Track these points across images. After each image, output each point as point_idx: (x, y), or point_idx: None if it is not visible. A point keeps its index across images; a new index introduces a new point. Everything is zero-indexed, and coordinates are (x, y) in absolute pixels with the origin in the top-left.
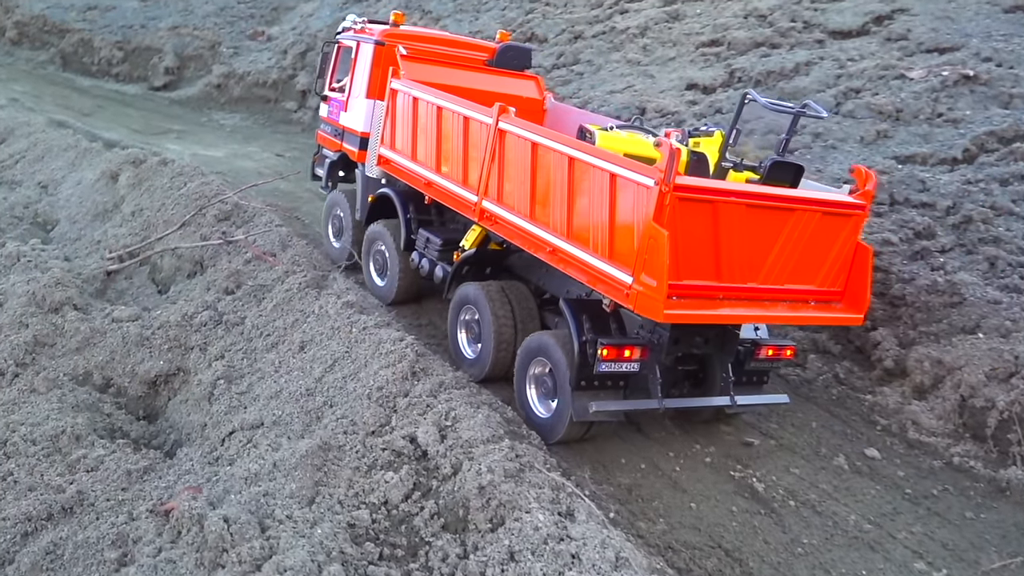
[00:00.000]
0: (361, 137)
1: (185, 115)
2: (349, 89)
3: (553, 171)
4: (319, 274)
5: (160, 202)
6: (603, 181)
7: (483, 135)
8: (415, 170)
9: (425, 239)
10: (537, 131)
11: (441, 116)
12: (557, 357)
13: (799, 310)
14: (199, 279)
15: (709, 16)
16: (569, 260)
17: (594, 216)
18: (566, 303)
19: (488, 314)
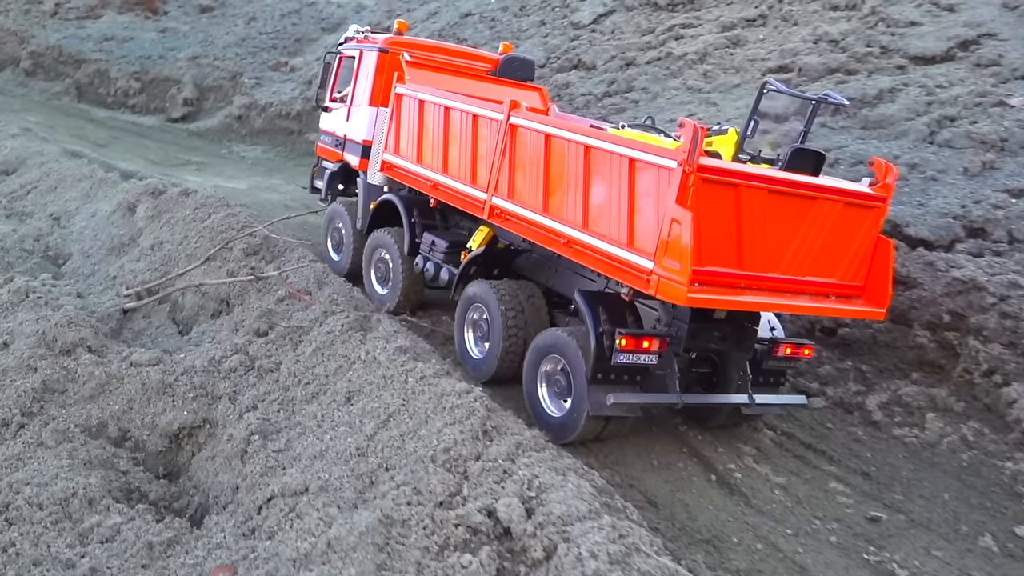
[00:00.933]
0: (363, 145)
1: (204, 147)
2: (351, 98)
3: (568, 162)
4: (361, 315)
5: (182, 235)
6: (622, 167)
7: (493, 132)
8: (421, 173)
9: (430, 242)
10: (550, 123)
11: (448, 117)
12: (571, 352)
13: (821, 302)
14: (225, 319)
15: (773, 41)
16: (585, 251)
17: (612, 204)
18: (581, 294)
19: (497, 312)
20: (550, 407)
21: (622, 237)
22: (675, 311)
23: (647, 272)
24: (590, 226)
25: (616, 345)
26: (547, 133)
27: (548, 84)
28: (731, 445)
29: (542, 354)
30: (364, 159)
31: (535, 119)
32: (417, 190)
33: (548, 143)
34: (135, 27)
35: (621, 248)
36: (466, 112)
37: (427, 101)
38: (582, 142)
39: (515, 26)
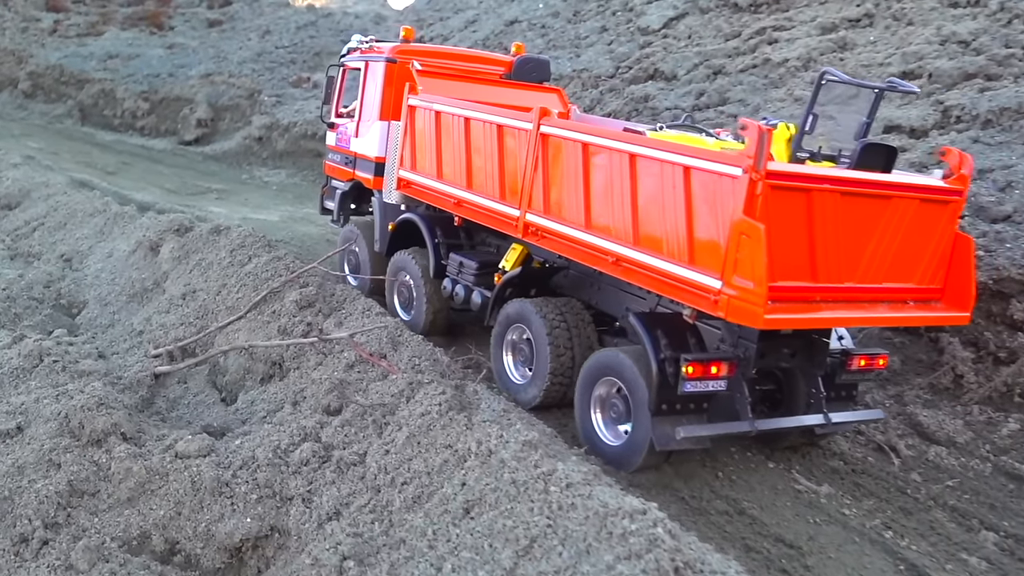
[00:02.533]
0: (376, 162)
1: (223, 172)
2: (359, 113)
3: (611, 172)
4: (452, 384)
5: (219, 282)
6: (674, 176)
7: (522, 143)
8: (442, 190)
9: (458, 264)
10: (586, 130)
11: (470, 128)
12: (631, 376)
13: (901, 311)
14: (278, 386)
15: (889, 43)
16: (637, 270)
17: (667, 217)
18: (637, 317)
19: (542, 332)
20: (606, 435)
21: (681, 254)
22: (740, 329)
23: (714, 292)
24: (641, 242)
25: (682, 373)
26: (584, 142)
27: (622, 96)
28: None
29: (595, 377)
30: (378, 177)
31: (568, 126)
32: (438, 207)
33: (586, 153)
34: (140, 43)
35: (681, 266)
36: (489, 122)
37: (444, 112)
38: (626, 150)
39: (571, 33)
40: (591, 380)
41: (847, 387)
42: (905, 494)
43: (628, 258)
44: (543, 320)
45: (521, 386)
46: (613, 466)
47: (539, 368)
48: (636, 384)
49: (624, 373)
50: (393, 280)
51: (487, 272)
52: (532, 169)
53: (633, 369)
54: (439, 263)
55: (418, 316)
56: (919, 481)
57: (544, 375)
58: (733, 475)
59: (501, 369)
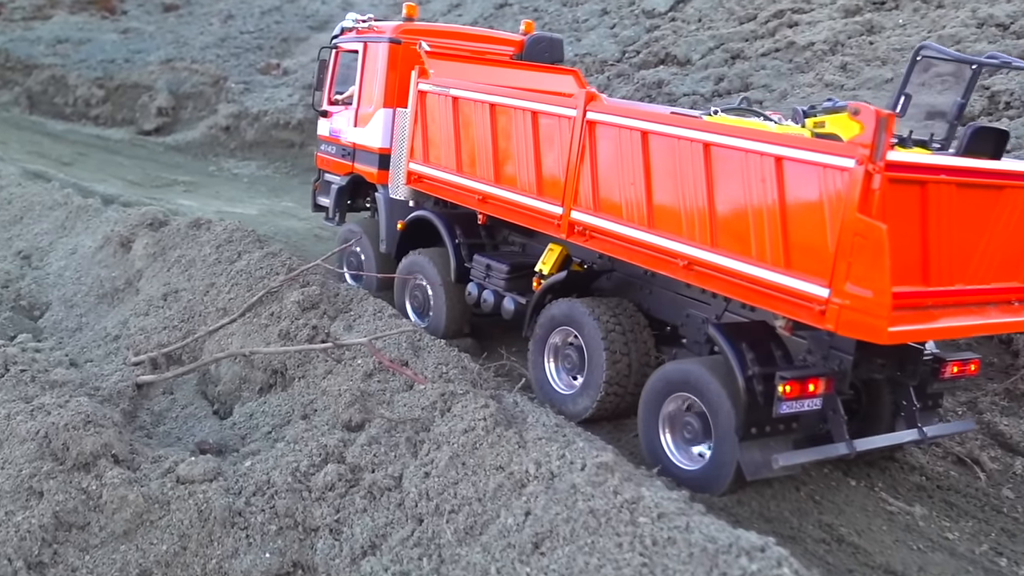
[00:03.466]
0: (380, 155)
1: (188, 163)
2: (358, 99)
3: (680, 164)
4: (487, 393)
5: (206, 281)
6: (763, 169)
7: (564, 131)
8: (464, 184)
9: (485, 267)
10: (645, 116)
11: (495, 115)
12: (711, 395)
13: (1015, 314)
14: (282, 397)
15: (920, 26)
16: (716, 274)
17: (754, 215)
18: (718, 328)
19: (596, 336)
20: (677, 457)
21: (773, 257)
22: (832, 339)
23: (820, 301)
24: (721, 244)
25: (778, 393)
26: (644, 130)
27: (632, 82)
28: None
29: (665, 392)
30: (382, 170)
31: (623, 112)
32: (455, 203)
33: (646, 143)
34: (91, 28)
35: (773, 270)
36: (522, 109)
37: (464, 99)
38: (700, 139)
39: (568, 16)
40: (659, 396)
41: (935, 396)
42: (1002, 513)
43: (704, 261)
44: (597, 323)
45: (568, 396)
46: (689, 488)
47: (592, 376)
48: (718, 404)
49: (703, 390)
50: (404, 283)
51: (519, 276)
52: (578, 161)
53: (715, 387)
54: (461, 266)
55: (436, 322)
56: (1013, 498)
57: (598, 384)
58: (816, 494)
59: (542, 377)
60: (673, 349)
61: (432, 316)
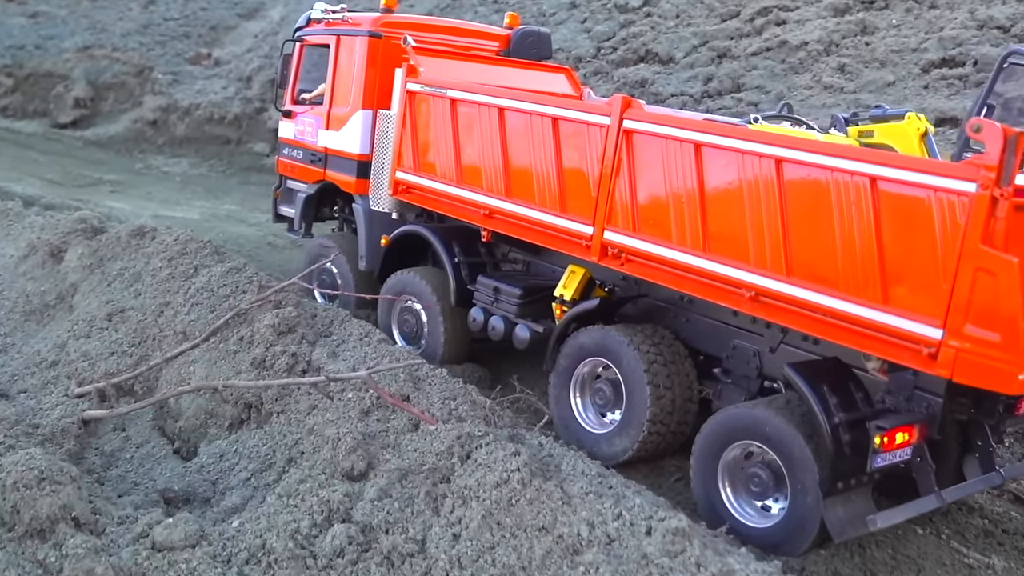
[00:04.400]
0: (358, 161)
1: (111, 160)
2: (330, 99)
3: (745, 182)
4: (506, 433)
5: (159, 300)
6: (858, 191)
7: (594, 141)
8: (465, 197)
9: (492, 290)
10: (696, 126)
11: (505, 121)
12: (790, 444)
13: None
14: (256, 434)
15: (915, 27)
16: (792, 309)
17: (844, 242)
18: (795, 369)
19: (639, 369)
20: (741, 511)
21: (868, 291)
22: (916, 378)
23: (931, 343)
24: (798, 273)
25: (875, 445)
26: (697, 142)
27: (611, 80)
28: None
29: (726, 439)
30: (361, 179)
31: (667, 121)
32: (443, 216)
33: (699, 157)
34: None
35: (869, 307)
36: (540, 115)
37: (466, 101)
38: (771, 154)
39: (532, 8)
40: (720, 443)
41: (1001, 434)
42: None
43: (777, 293)
44: (637, 353)
45: (602, 436)
46: (758, 545)
47: (632, 414)
48: (797, 455)
49: (776, 439)
50: (391, 305)
51: (534, 300)
52: (612, 175)
53: (791, 435)
54: (463, 288)
55: (432, 349)
56: None
57: (640, 423)
58: (888, 547)
59: (568, 415)
60: (719, 384)
61: (427, 343)
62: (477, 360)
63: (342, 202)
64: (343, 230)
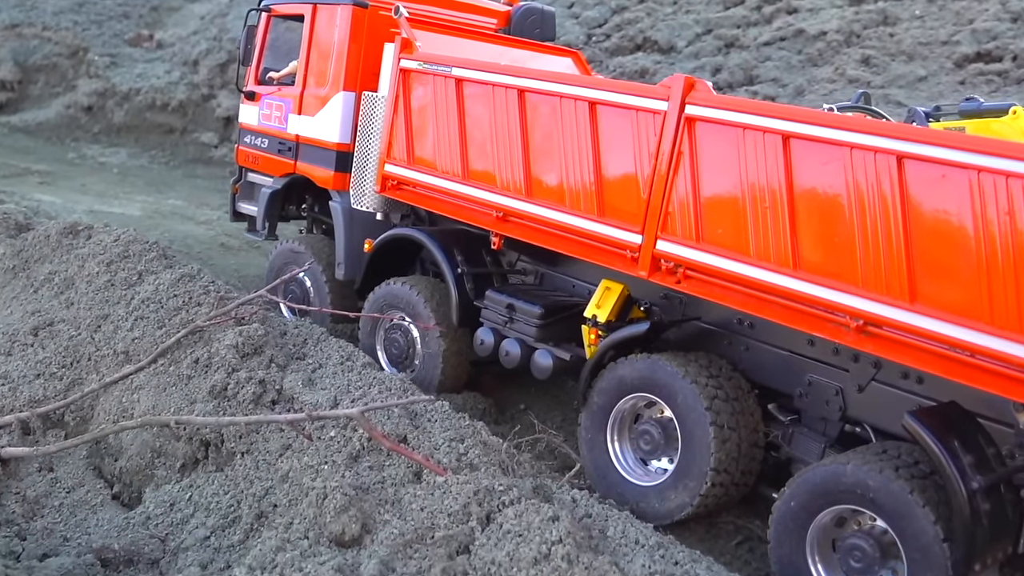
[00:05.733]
0: (337, 152)
1: (40, 148)
2: (303, 79)
3: (852, 183)
4: (531, 485)
5: (96, 312)
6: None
7: (646, 131)
8: (474, 196)
9: (506, 308)
10: (783, 112)
11: (526, 106)
12: (907, 514)
13: None
14: (214, 478)
15: (940, 19)
16: (914, 343)
17: (991, 261)
18: (916, 418)
19: (698, 407)
20: None
21: None
22: None
23: None
24: (926, 300)
25: None
26: (787, 133)
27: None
28: None
29: (822, 502)
30: (341, 172)
31: (741, 107)
32: (432, 215)
33: (788, 151)
34: None
35: None
36: (573, 98)
37: (477, 81)
38: (893, 150)
39: None
40: (811, 508)
41: None
42: None
43: (895, 322)
44: (695, 387)
45: (650, 490)
46: None
47: (691, 461)
48: (918, 528)
49: (888, 506)
50: (374, 322)
51: (558, 322)
52: (670, 172)
53: (911, 504)
54: (468, 304)
55: (426, 376)
56: None
57: (701, 472)
58: None
59: (604, 462)
60: (789, 428)
61: (420, 368)
62: (475, 386)
63: (312, 199)
64: (313, 232)
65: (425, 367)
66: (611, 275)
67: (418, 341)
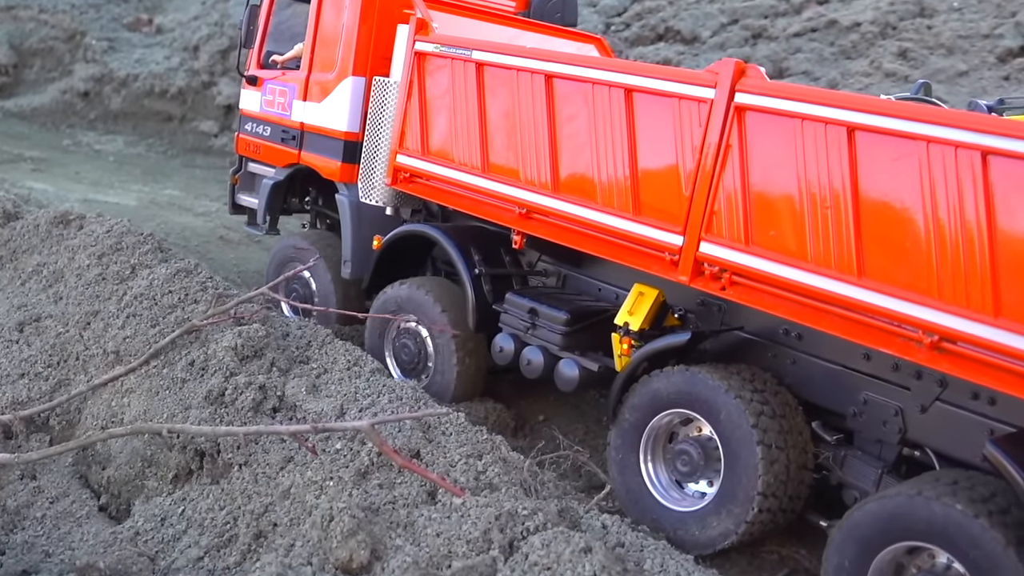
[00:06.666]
0: (345, 141)
1: (34, 135)
2: (309, 62)
3: (929, 181)
4: (556, 508)
5: (86, 308)
6: None
7: (690, 121)
8: (495, 191)
9: (528, 312)
10: (847, 101)
11: (554, 93)
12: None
13: None
14: (209, 491)
15: (980, 11)
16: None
17: None
18: (999, 447)
19: (745, 424)
20: None
21: None
22: None
23: None
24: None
25: None
26: (852, 124)
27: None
28: None
29: (886, 538)
30: (348, 164)
31: (800, 95)
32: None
33: (853, 145)
34: None
35: None
36: (608, 84)
37: (500, 66)
38: (975, 143)
39: None
40: (874, 544)
41: None
42: None
43: (977, 339)
44: (739, 402)
45: (689, 516)
46: None
47: (735, 484)
48: (996, 565)
49: (962, 544)
50: (382, 325)
51: (585, 329)
52: (717, 167)
53: (993, 541)
54: (486, 308)
55: (440, 385)
56: None
57: (748, 497)
58: None
59: (637, 484)
60: (840, 450)
61: (433, 375)
62: (489, 395)
63: (316, 192)
64: (316, 227)
65: (438, 375)
66: (644, 279)
67: (430, 347)
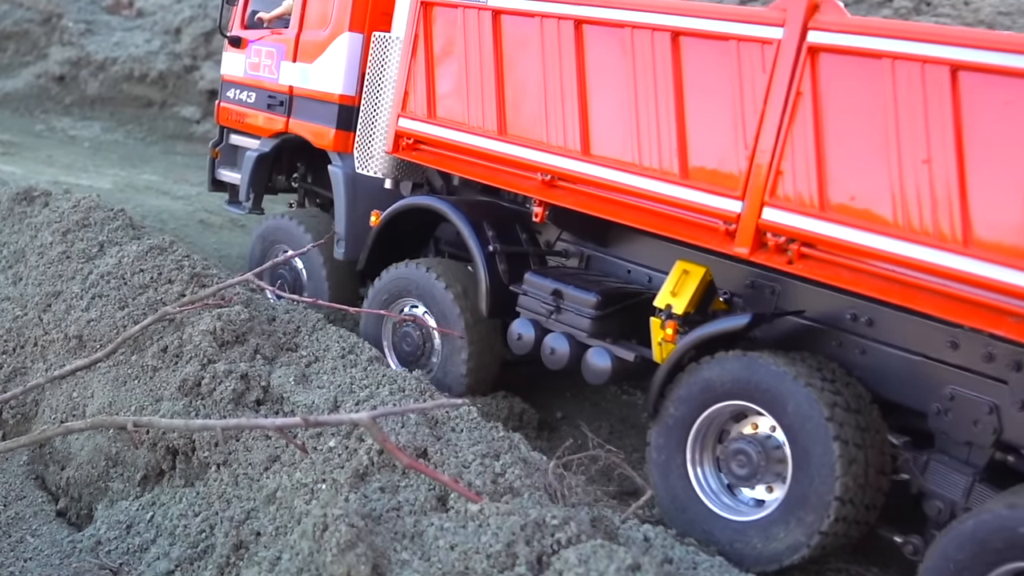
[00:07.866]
0: (339, 105)
1: (6, 119)
2: (300, 19)
3: None
4: (588, 517)
5: (46, 289)
6: None
7: (751, 69)
8: (514, 157)
9: (550, 294)
10: (952, 36)
11: (584, 42)
12: None
13: None
14: (182, 494)
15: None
16: None
17: None
18: None
19: (818, 417)
20: None
21: None
22: None
23: None
24: None
25: None
26: (957, 63)
27: None
28: None
29: (996, 558)
30: (343, 131)
31: (889, 31)
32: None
33: (956, 86)
34: None
35: None
36: (649, 27)
37: (520, 12)
38: None
39: None
40: (981, 565)
41: None
42: None
43: None
44: (811, 391)
45: (748, 526)
46: None
47: (807, 489)
48: None
49: None
50: (384, 314)
51: (617, 313)
52: (785, 122)
53: None
54: (501, 290)
55: (448, 378)
56: None
57: (823, 503)
58: None
59: (683, 489)
60: (922, 453)
61: (439, 367)
62: (505, 385)
63: (306, 167)
64: (304, 205)
65: (446, 367)
66: (687, 256)
67: (436, 336)
